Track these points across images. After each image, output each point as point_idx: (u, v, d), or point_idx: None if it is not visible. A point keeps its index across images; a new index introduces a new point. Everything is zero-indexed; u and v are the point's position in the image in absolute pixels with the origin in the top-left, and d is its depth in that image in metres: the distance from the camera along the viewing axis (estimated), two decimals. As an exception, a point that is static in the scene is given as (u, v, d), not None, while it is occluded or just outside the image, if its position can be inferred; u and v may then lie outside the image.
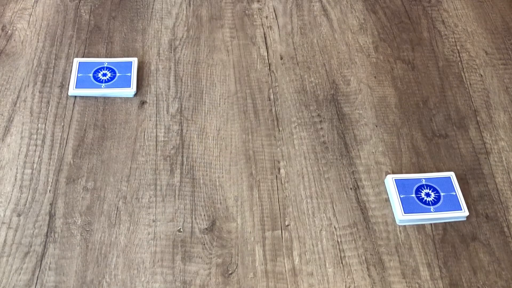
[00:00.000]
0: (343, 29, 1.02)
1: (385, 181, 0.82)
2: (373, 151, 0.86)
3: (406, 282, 0.73)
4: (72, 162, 0.83)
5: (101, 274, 0.73)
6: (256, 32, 1.01)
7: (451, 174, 0.82)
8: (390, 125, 0.89)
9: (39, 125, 0.87)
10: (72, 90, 0.90)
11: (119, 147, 0.85)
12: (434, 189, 0.80)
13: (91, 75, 0.92)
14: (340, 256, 0.75)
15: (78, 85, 0.91)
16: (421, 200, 0.79)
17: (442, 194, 0.80)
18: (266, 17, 1.04)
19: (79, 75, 0.92)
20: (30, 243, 0.75)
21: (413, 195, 0.79)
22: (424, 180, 0.81)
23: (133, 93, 0.91)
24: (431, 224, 0.79)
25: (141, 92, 0.92)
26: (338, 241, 0.77)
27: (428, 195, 0.79)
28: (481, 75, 0.96)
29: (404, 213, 0.78)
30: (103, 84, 0.91)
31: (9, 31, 0.99)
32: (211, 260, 0.75)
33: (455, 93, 0.94)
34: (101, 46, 0.98)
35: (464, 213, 0.78)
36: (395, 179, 0.81)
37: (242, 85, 0.93)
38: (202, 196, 0.80)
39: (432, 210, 0.78)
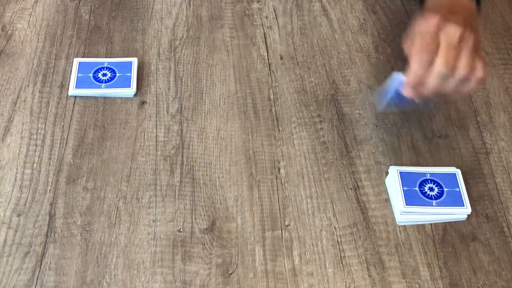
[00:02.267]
0: (343, 29, 1.02)
1: (389, 171, 0.81)
2: (373, 151, 0.86)
3: (406, 282, 0.73)
4: (72, 162, 0.83)
5: (101, 274, 0.73)
6: (256, 32, 1.01)
7: (457, 171, 0.81)
8: (390, 125, 0.89)
9: (39, 125, 0.87)
10: (72, 90, 0.90)
11: (119, 147, 0.85)
12: (438, 184, 0.80)
13: (91, 75, 0.92)
14: (340, 256, 0.75)
15: (78, 85, 0.91)
16: (424, 194, 0.79)
17: (445, 189, 0.79)
18: (266, 17, 1.04)
19: (79, 75, 0.92)
20: (30, 243, 0.75)
21: (417, 188, 0.79)
22: (429, 174, 0.81)
23: (133, 93, 0.91)
24: (431, 224, 0.79)
25: (141, 92, 0.92)
26: (338, 241, 0.77)
27: (431, 189, 0.79)
28: (481, 75, 0.96)
29: (406, 204, 0.77)
30: (103, 84, 0.91)
31: (9, 31, 0.99)
32: (211, 260, 0.75)
33: (455, 93, 0.94)
34: (101, 46, 0.98)
35: (466, 209, 0.78)
36: (399, 171, 0.80)
37: (242, 85, 0.94)
38: (202, 196, 0.80)
39: (434, 204, 0.78)
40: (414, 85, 0.70)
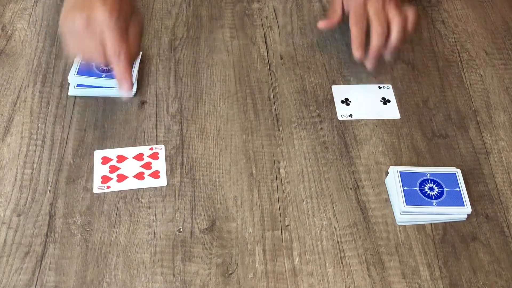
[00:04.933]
0: (343, 29, 1.02)
1: (389, 171, 0.81)
2: (373, 151, 0.86)
3: (406, 282, 0.73)
4: (72, 162, 0.83)
5: (101, 274, 0.73)
6: (256, 32, 1.01)
7: (457, 171, 0.81)
8: (390, 125, 0.89)
9: (39, 125, 0.87)
10: (73, 77, 0.90)
11: (119, 147, 0.85)
12: (438, 184, 0.80)
13: (94, 64, 0.92)
14: (340, 256, 0.75)
15: (80, 72, 0.91)
16: (424, 193, 0.79)
17: (445, 189, 0.79)
18: (266, 17, 1.04)
19: (82, 62, 0.92)
20: (30, 243, 0.75)
21: (417, 188, 0.79)
22: (429, 174, 0.81)
23: (133, 93, 0.90)
24: (431, 224, 0.79)
25: (141, 92, 0.92)
26: (338, 241, 0.77)
27: (431, 189, 0.79)
28: (481, 75, 0.96)
29: (406, 204, 0.77)
30: (104, 74, 0.91)
31: (9, 31, 0.99)
32: (211, 260, 0.75)
33: (455, 93, 0.94)
34: (101, 46, 0.98)
35: (466, 209, 0.78)
36: (400, 171, 0.80)
37: (242, 85, 0.94)
38: (202, 196, 0.80)
39: (434, 204, 0.78)
40: (359, 46, 0.89)
